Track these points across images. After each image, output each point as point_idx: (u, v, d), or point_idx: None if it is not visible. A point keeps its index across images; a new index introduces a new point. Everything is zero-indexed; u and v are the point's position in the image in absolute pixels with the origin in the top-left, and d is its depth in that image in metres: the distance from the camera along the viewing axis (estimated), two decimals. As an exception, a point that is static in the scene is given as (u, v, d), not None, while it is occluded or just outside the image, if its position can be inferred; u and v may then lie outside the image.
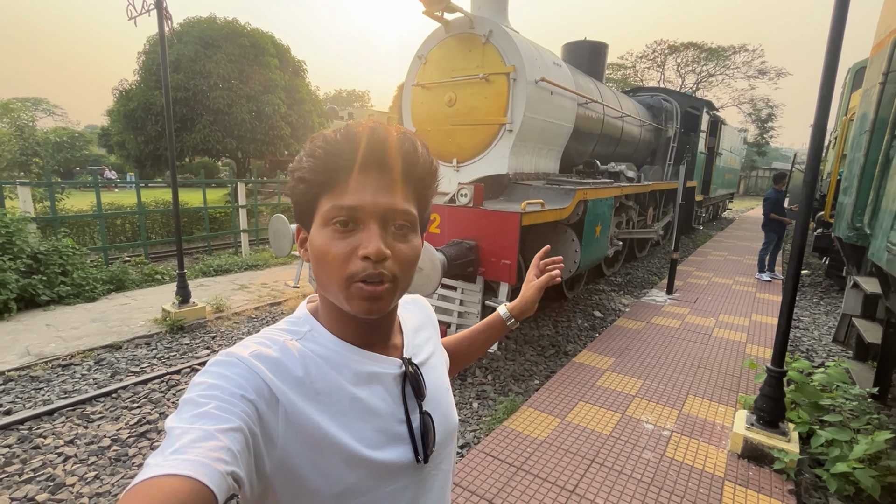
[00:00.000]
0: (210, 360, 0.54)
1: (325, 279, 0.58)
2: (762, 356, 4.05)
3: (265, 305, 5.46)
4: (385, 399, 0.62)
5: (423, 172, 0.60)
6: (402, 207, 0.57)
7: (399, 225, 0.58)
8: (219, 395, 0.49)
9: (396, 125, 0.62)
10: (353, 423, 0.58)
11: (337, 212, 0.55)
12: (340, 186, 0.56)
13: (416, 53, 5.25)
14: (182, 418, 0.46)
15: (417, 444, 0.63)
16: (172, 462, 0.41)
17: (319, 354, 0.59)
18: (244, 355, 0.54)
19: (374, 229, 0.55)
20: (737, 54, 28.59)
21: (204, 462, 0.42)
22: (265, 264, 7.41)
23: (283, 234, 4.52)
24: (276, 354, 0.56)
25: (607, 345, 4.25)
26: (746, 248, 10.13)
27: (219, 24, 11.39)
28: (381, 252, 0.54)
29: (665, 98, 9.50)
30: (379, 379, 0.63)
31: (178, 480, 0.39)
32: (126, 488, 0.41)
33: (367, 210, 0.55)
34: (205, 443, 0.44)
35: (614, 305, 5.76)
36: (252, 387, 0.52)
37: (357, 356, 0.62)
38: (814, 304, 5.98)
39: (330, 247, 0.56)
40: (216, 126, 10.96)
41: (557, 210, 4.04)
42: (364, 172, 0.56)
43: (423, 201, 0.62)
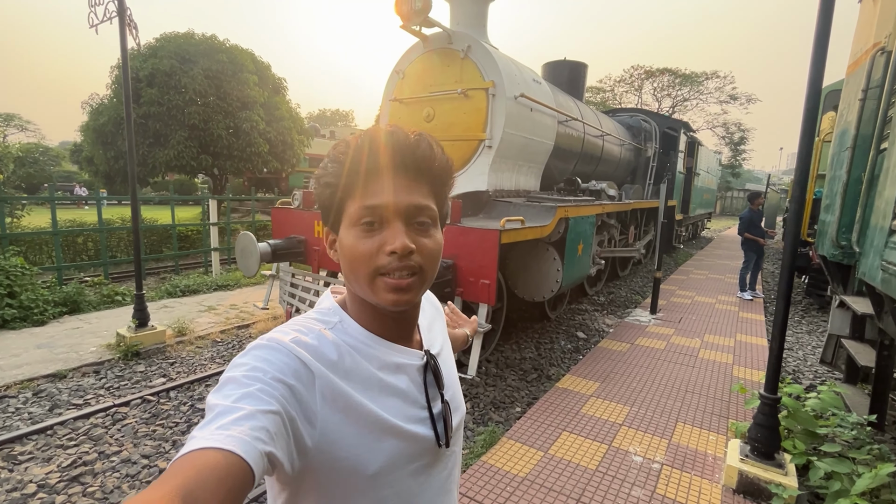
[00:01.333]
0: (252, 344, 0.57)
1: (354, 276, 0.61)
2: (750, 379, 3.91)
3: (232, 328, 5.13)
4: (409, 387, 0.66)
5: (439, 170, 0.64)
6: (423, 203, 0.61)
7: (421, 221, 0.61)
8: (261, 378, 0.51)
9: (413, 128, 0.64)
10: (383, 400, 0.62)
11: (363, 212, 0.59)
12: (364, 188, 0.59)
13: (393, 68, 5.14)
14: (226, 396, 0.49)
15: (439, 429, 0.67)
16: (217, 436, 0.43)
17: (349, 344, 0.63)
18: (285, 341, 0.57)
19: (398, 226, 0.59)
20: (709, 80, 29.68)
21: (245, 440, 0.44)
22: (236, 284, 7.07)
23: (250, 253, 4.26)
24: (313, 341, 0.60)
25: (591, 368, 4.07)
26: (726, 266, 10.19)
27: (196, 40, 11.20)
28: (407, 246, 0.58)
29: (644, 118, 9.63)
30: (404, 369, 0.67)
31: (220, 454, 0.42)
32: (174, 457, 0.43)
33: (390, 209, 0.59)
34: (247, 422, 0.46)
35: (598, 326, 5.61)
36: (291, 371, 0.54)
37: (384, 347, 0.66)
38: (795, 322, 5.94)
39: (358, 245, 0.59)
40: (191, 142, 10.64)
41: (538, 228, 3.89)
42: (385, 174, 0.59)
43: (440, 197, 0.66)
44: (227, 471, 0.41)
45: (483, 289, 3.43)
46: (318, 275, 4.53)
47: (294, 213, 4.77)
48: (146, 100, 10.19)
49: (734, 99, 29.56)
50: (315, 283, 4.57)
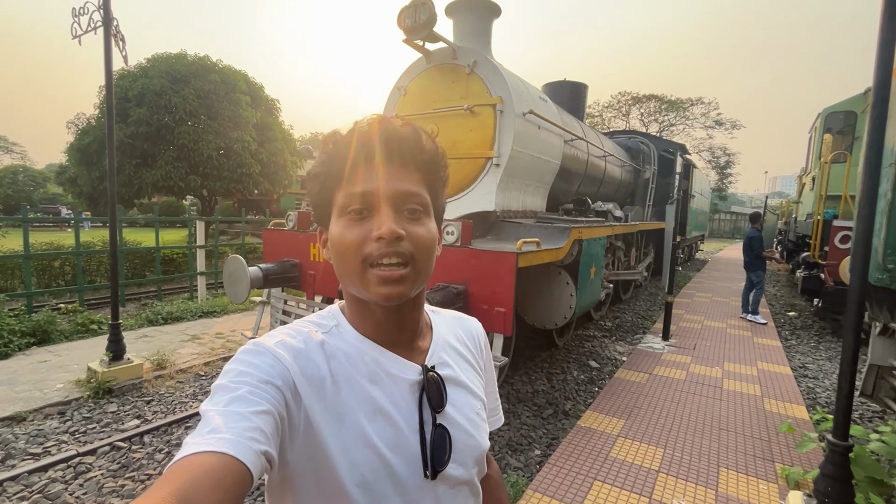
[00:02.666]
0: (240, 349, 0.56)
1: (344, 269, 0.59)
2: (784, 413, 3.61)
3: (217, 360, 4.72)
4: (399, 403, 0.62)
5: (429, 159, 0.61)
6: (413, 190, 0.59)
7: (411, 209, 0.59)
8: (249, 381, 0.51)
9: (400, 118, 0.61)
10: (367, 415, 0.58)
11: (350, 199, 0.58)
12: (352, 177, 0.58)
13: (395, 84, 4.94)
14: (216, 402, 0.49)
15: (427, 455, 0.60)
16: (210, 440, 0.43)
17: (341, 350, 0.61)
18: (270, 345, 0.57)
19: (386, 212, 0.57)
20: (694, 106, 30.43)
21: (240, 441, 0.44)
22: (223, 311, 6.65)
23: (239, 278, 3.91)
24: (299, 345, 0.59)
25: (612, 403, 3.74)
26: (728, 289, 10.02)
27: (188, 60, 11.03)
28: (394, 231, 0.56)
29: (642, 141, 9.59)
30: (396, 381, 0.62)
31: (215, 457, 0.42)
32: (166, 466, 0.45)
33: (378, 195, 0.57)
34: (239, 423, 0.46)
35: (609, 354, 5.29)
36: (278, 374, 0.54)
37: (377, 355, 0.62)
38: (812, 348, 5.69)
39: (346, 234, 0.58)
40: (180, 162, 10.32)
41: (553, 250, 3.62)
42: (372, 161, 0.58)
43: (433, 188, 0.63)
44: (224, 472, 0.41)
45: (498, 318, 3.11)
46: (312, 301, 4.19)
47: (288, 234, 4.46)
48: (134, 119, 9.89)
49: (719, 124, 30.30)
50: (309, 310, 4.22)
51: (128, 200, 10.46)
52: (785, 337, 6.16)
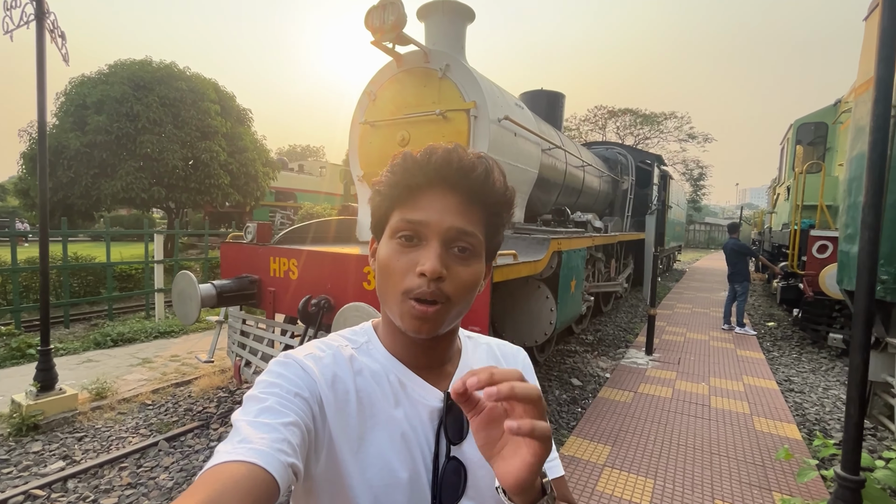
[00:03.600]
0: (271, 361, 0.58)
1: (385, 291, 0.59)
2: (775, 432, 3.42)
3: (168, 386, 4.29)
4: (417, 429, 0.60)
5: (494, 199, 0.60)
6: (467, 229, 0.58)
7: (461, 247, 0.58)
8: (278, 392, 0.52)
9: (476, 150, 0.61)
10: (386, 436, 0.58)
11: (403, 225, 0.58)
12: (411, 202, 0.58)
13: (364, 89, 4.69)
14: (246, 412, 0.50)
15: (438, 486, 0.59)
16: (240, 450, 0.44)
17: (369, 367, 0.61)
18: (300, 357, 0.58)
19: (434, 247, 0.57)
20: (668, 120, 31.20)
21: (268, 452, 0.45)
22: (181, 331, 6.18)
23: (188, 297, 3.54)
24: (328, 360, 0.59)
25: (597, 426, 3.48)
26: (707, 299, 10.01)
27: (153, 67, 10.56)
28: (437, 270, 0.55)
29: (620, 152, 9.58)
30: (414, 405, 0.61)
31: (245, 466, 0.43)
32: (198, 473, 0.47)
33: (431, 227, 0.57)
34: (268, 434, 0.47)
35: (592, 370, 5.07)
36: (306, 386, 0.55)
37: (403, 378, 0.62)
38: (795, 360, 5.60)
39: (392, 259, 0.58)
40: (142, 173, 9.78)
41: (531, 263, 3.38)
42: (434, 190, 0.58)
43: (492, 228, 0.62)
44: (252, 482, 0.42)
45: (472, 337, 2.84)
46: (272, 321, 3.83)
47: (246, 248, 4.11)
48: (92, 127, 9.35)
49: (692, 138, 31.10)
50: (269, 330, 3.86)
51: (85, 213, 9.84)
52: (767, 348, 6.06)
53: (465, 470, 0.60)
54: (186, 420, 3.65)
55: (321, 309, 3.41)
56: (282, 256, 3.85)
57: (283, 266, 3.86)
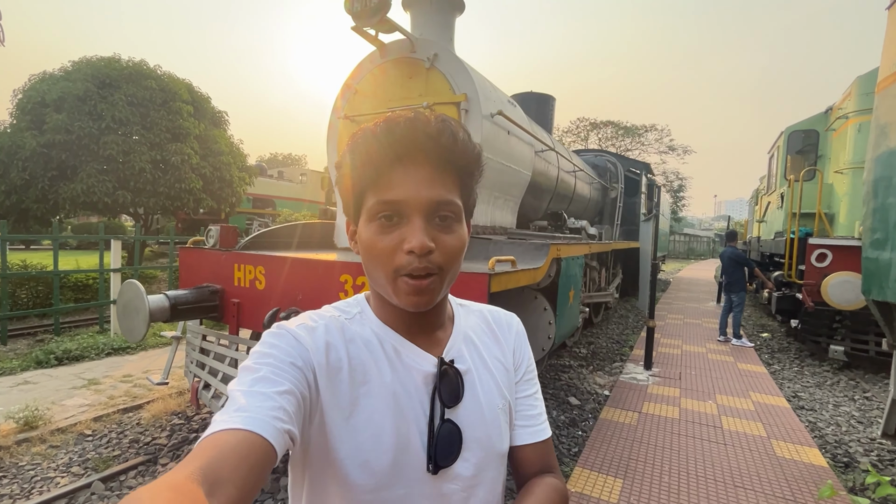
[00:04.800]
0: (265, 333, 0.58)
1: (374, 272, 0.60)
2: (798, 458, 3.10)
3: (114, 412, 3.74)
4: (410, 393, 0.62)
5: (464, 160, 0.59)
6: (446, 198, 0.58)
7: (443, 216, 0.58)
8: (271, 362, 0.53)
9: (437, 112, 0.60)
10: (379, 402, 0.59)
11: (381, 207, 0.57)
12: (383, 181, 0.57)
13: (345, 81, 4.31)
14: (241, 382, 0.51)
15: (433, 448, 0.60)
16: (236, 418, 0.45)
17: (362, 336, 0.62)
18: (292, 328, 0.58)
19: (417, 223, 0.56)
20: (648, 132, 31.71)
21: (264, 419, 0.46)
22: (139, 347, 5.60)
23: (135, 309, 3.05)
24: (320, 330, 0.60)
25: (603, 454, 3.10)
26: (697, 309, 9.83)
27: (121, 65, 9.96)
28: (425, 246, 0.55)
29: (609, 159, 9.40)
30: (409, 370, 0.63)
31: (242, 434, 0.44)
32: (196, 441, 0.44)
33: (410, 204, 0.56)
34: (264, 402, 0.48)
35: (589, 387, 4.71)
36: (299, 355, 0.56)
37: (397, 345, 0.63)
38: (797, 374, 5.35)
39: (376, 241, 0.57)
40: (106, 176, 9.12)
41: (531, 271, 3.01)
42: (405, 165, 0.57)
43: (466, 189, 0.62)
44: (249, 449, 0.43)
45: (467, 357, 2.44)
46: (236, 337, 3.36)
47: (208, 254, 3.64)
48: (51, 126, 8.67)
49: (672, 150, 31.65)
50: (231, 347, 3.38)
51: (41, 218, 9.11)
52: (766, 361, 5.82)
53: (461, 431, 0.62)
54: (130, 455, 3.13)
55: (291, 323, 2.97)
56: (247, 263, 3.39)
57: (248, 274, 3.40)
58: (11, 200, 8.91)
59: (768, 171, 9.28)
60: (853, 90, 6.05)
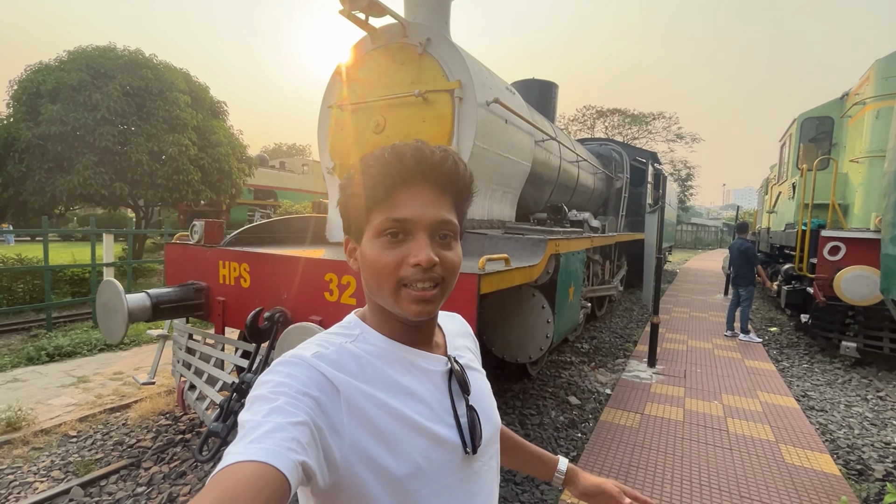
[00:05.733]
0: (275, 361, 0.59)
1: (377, 286, 0.64)
2: (809, 465, 2.95)
3: (101, 412, 3.66)
4: (432, 392, 0.67)
5: (462, 186, 0.66)
6: (447, 218, 0.64)
7: (443, 234, 0.64)
8: (287, 392, 0.53)
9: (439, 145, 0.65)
10: (408, 403, 0.63)
11: (389, 224, 0.61)
12: (391, 201, 0.62)
13: (335, 69, 4.12)
14: (255, 412, 0.51)
15: (465, 434, 0.66)
16: (251, 450, 0.45)
17: (371, 353, 0.65)
18: (307, 356, 0.60)
19: (423, 239, 0.62)
20: (656, 120, 31.08)
21: (278, 451, 0.46)
22: (133, 342, 5.52)
23: (114, 310, 2.94)
24: (334, 355, 0.62)
25: (603, 460, 2.97)
26: (704, 302, 9.62)
27: (116, 54, 9.79)
28: (431, 260, 0.61)
29: (614, 148, 9.13)
30: (428, 375, 0.68)
31: (256, 466, 0.44)
32: (211, 474, 0.44)
33: (416, 222, 0.62)
34: (278, 434, 0.48)
35: (590, 385, 4.56)
36: (315, 384, 0.56)
37: (406, 353, 0.67)
38: (807, 371, 5.17)
39: (382, 256, 0.62)
40: (102, 167, 9.03)
41: (526, 269, 2.85)
42: (411, 188, 0.62)
43: (461, 212, 0.69)
44: (264, 481, 0.43)
45: (455, 363, 2.30)
46: (222, 336, 3.24)
47: (193, 251, 3.52)
48: (46, 117, 8.55)
49: (680, 138, 31.04)
50: (217, 347, 3.27)
51: (39, 210, 9.04)
52: (775, 357, 5.64)
53: (478, 415, 0.69)
54: (113, 458, 3.03)
55: (275, 324, 2.84)
56: (232, 260, 3.26)
57: (233, 272, 3.27)
58: (9, 193, 8.85)
59: (779, 159, 8.97)
60: (871, 74, 5.75)
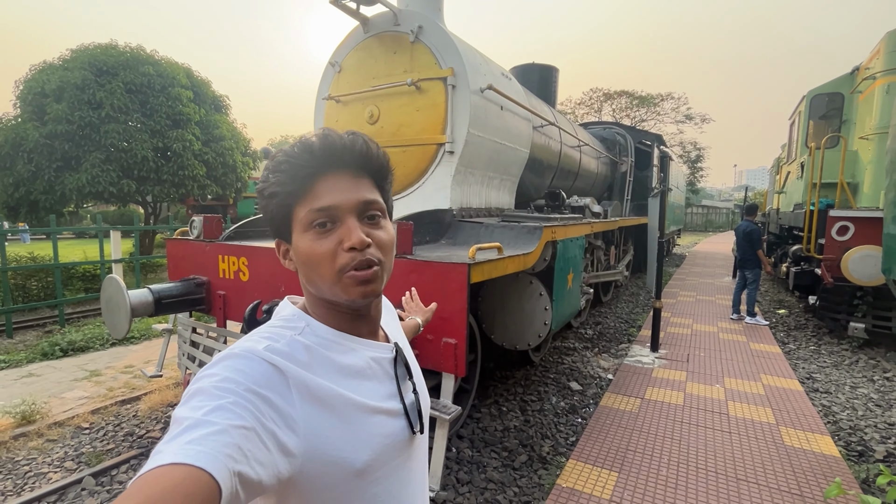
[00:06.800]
0: (222, 353, 0.56)
1: (317, 279, 0.63)
2: (808, 447, 2.94)
3: (112, 405, 3.77)
4: (381, 378, 0.68)
5: (377, 165, 0.67)
6: (371, 198, 0.64)
7: (371, 215, 0.64)
8: (234, 389, 0.50)
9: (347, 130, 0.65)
10: (358, 399, 0.62)
11: (314, 215, 0.61)
12: (311, 192, 0.61)
13: (329, 60, 4.10)
14: (194, 408, 0.47)
15: (412, 417, 0.69)
16: (187, 451, 0.41)
17: (319, 344, 0.64)
18: (259, 349, 0.57)
19: (351, 222, 0.62)
20: (664, 101, 30.44)
21: (216, 456, 0.42)
22: (144, 336, 5.65)
23: (116, 306, 3.00)
24: (285, 348, 0.59)
25: (600, 445, 2.99)
26: (711, 286, 9.53)
27: (118, 51, 9.83)
28: (363, 241, 0.61)
29: (619, 132, 8.99)
30: (377, 361, 0.69)
31: (188, 470, 0.40)
32: (137, 474, 0.40)
33: (341, 207, 0.61)
34: (219, 437, 0.44)
35: (592, 370, 4.57)
36: (266, 380, 0.53)
37: (353, 343, 0.67)
38: (814, 353, 5.12)
39: (315, 248, 0.61)
40: (109, 165, 9.14)
41: (519, 257, 2.84)
42: (329, 175, 0.62)
43: (384, 191, 0.69)
44: (194, 488, 0.39)
45: (447, 351, 2.31)
46: (223, 329, 3.31)
47: (192, 246, 3.57)
48: (52, 117, 8.66)
49: (689, 119, 30.39)
50: (220, 340, 3.34)
51: (51, 209, 9.21)
52: (781, 340, 5.59)
53: (419, 396, 0.73)
54: (124, 448, 3.13)
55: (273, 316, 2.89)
56: (231, 255, 3.31)
57: (232, 266, 3.32)
58: (20, 192, 9.02)
59: (789, 138, 8.76)
60: (882, 47, 5.56)
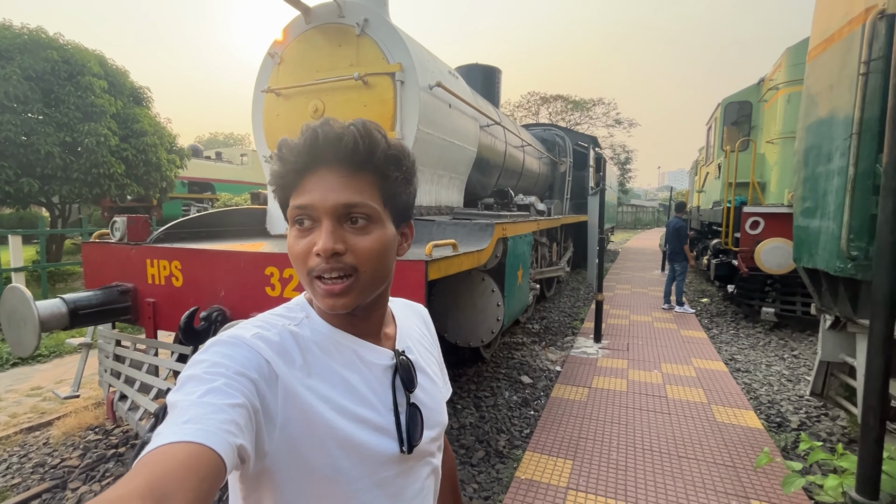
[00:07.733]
0: (211, 340, 0.55)
1: (300, 276, 0.61)
2: (736, 422, 3.22)
3: (16, 433, 3.30)
4: (374, 387, 0.64)
5: (376, 161, 0.59)
6: (354, 201, 0.58)
7: (354, 219, 0.58)
8: (224, 373, 0.50)
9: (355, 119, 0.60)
10: (344, 406, 0.59)
11: (295, 212, 0.59)
12: (300, 187, 0.59)
13: (267, 50, 3.88)
14: (189, 392, 0.47)
15: (403, 431, 0.63)
16: (186, 430, 0.42)
17: (314, 340, 0.61)
18: (247, 336, 0.56)
19: (326, 226, 0.57)
20: (596, 106, 32.29)
21: (216, 432, 0.43)
22: (54, 353, 5.01)
23: (21, 319, 2.63)
24: (275, 338, 0.58)
25: (554, 436, 3.08)
26: (644, 279, 10.21)
27: (14, 33, 8.67)
28: (329, 249, 0.56)
29: (558, 133, 9.37)
30: (370, 367, 0.64)
31: (190, 447, 0.40)
32: (139, 456, 0.40)
33: (318, 207, 0.57)
34: (215, 415, 0.45)
35: (541, 364, 4.71)
36: (254, 366, 0.53)
37: (350, 343, 0.64)
38: (734, 336, 5.64)
39: (294, 245, 0.60)
40: (5, 161, 8.04)
41: (474, 254, 2.85)
42: (316, 171, 0.58)
43: (388, 189, 0.61)
44: (199, 463, 0.40)
45: (405, 351, 2.27)
46: (154, 340, 3.00)
47: (115, 250, 3.22)
48: (-69, 105, 7.49)
49: (619, 123, 32.48)
50: (150, 352, 3.03)
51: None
52: (706, 326, 6.10)
53: (421, 413, 0.66)
54: (33, 482, 2.75)
55: (212, 324, 2.66)
56: (162, 258, 3.02)
57: (163, 270, 3.03)
58: None
59: (707, 141, 9.61)
60: (783, 61, 6.25)
